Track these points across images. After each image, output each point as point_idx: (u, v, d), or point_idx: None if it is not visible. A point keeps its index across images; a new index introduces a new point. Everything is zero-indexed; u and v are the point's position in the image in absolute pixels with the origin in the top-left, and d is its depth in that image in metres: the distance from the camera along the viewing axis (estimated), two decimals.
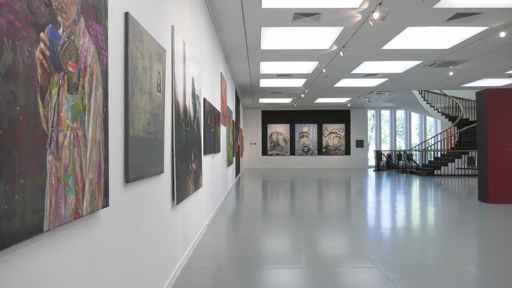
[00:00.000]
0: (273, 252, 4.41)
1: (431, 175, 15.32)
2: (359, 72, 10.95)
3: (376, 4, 5.85)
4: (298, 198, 9.23)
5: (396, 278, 3.44)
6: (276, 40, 7.78)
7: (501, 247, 4.73)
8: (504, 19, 6.58)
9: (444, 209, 7.75)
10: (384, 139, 22.71)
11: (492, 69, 10.69)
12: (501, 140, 7.84)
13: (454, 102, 17.71)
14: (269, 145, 20.84)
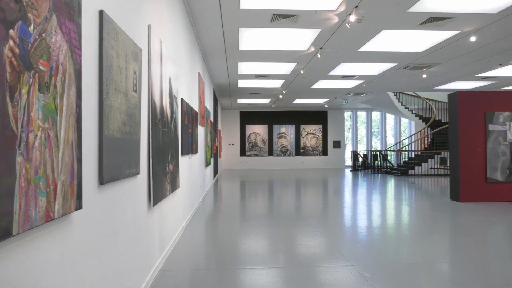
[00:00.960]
0: (251, 253, 4.41)
1: (405, 175, 15.68)
2: (336, 73, 11.10)
3: (353, 7, 5.95)
4: (276, 199, 9.27)
5: (371, 276, 3.51)
6: (255, 41, 7.80)
7: (472, 244, 4.89)
8: (474, 24, 6.81)
9: (418, 208, 7.95)
10: (360, 140, 23.11)
11: (463, 72, 11.05)
12: (472, 141, 8.11)
13: (428, 103, 18.20)
14: (248, 146, 20.85)
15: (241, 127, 20.89)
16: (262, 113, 20.86)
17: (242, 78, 11.79)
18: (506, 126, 8.12)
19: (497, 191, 8.12)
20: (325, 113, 21.16)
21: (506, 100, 8.24)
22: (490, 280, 3.50)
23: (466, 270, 3.79)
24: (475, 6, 6.04)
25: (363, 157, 19.37)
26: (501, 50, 8.63)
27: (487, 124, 8.08)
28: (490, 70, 10.87)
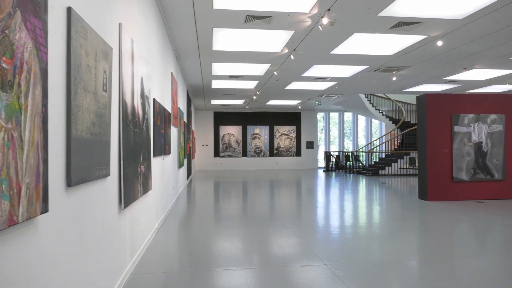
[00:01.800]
0: (224, 254, 4.39)
1: (376, 175, 16.05)
2: (310, 75, 11.23)
3: (325, 10, 6.04)
4: (250, 199, 9.27)
5: (343, 275, 3.56)
6: (229, 41, 7.78)
7: (439, 241, 5.06)
8: (441, 29, 7.06)
9: (388, 207, 8.16)
10: (333, 141, 23.49)
11: (431, 75, 11.43)
12: (439, 142, 8.39)
13: (397, 105, 18.71)
14: (221, 147, 20.78)
15: (215, 128, 20.79)
16: (236, 114, 20.84)
17: (216, 78, 11.74)
18: (471, 128, 8.46)
19: (463, 190, 8.45)
20: (299, 114, 21.37)
21: (470, 103, 8.59)
22: (456, 276, 3.63)
23: (433, 267, 3.91)
24: (441, 12, 6.26)
25: (335, 158, 19.69)
26: (466, 54, 8.98)
27: (453, 126, 8.39)
28: (456, 74, 11.29)
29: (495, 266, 3.94)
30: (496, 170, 8.52)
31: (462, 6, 6.03)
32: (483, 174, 8.48)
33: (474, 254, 4.37)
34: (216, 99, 16.66)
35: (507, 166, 8.58)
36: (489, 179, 8.50)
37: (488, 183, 8.53)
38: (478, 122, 8.48)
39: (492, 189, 8.53)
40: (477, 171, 8.46)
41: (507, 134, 8.60)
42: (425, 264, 4.07)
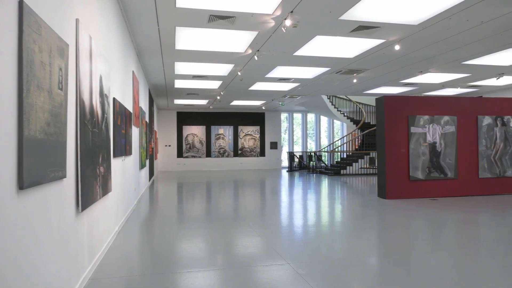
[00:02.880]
0: (187, 256, 4.34)
1: (338, 175, 16.44)
2: (273, 76, 11.32)
3: (288, 12, 6.11)
4: (214, 200, 9.22)
5: (306, 273, 3.62)
6: (192, 40, 7.69)
7: (397, 238, 5.26)
8: (398, 34, 7.34)
9: (349, 205, 8.38)
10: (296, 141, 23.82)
11: (389, 78, 11.86)
12: (396, 142, 8.72)
13: (358, 107, 19.28)
14: (185, 147, 20.51)
15: (178, 128, 20.49)
16: (199, 114, 20.64)
17: (179, 78, 11.57)
18: (426, 129, 8.86)
19: (419, 188, 8.83)
20: (263, 114, 21.50)
21: (426, 105, 8.99)
22: (412, 271, 3.79)
23: (392, 263, 4.06)
24: (398, 18, 6.52)
25: (299, 158, 19.98)
26: (421, 58, 9.40)
27: (409, 127, 8.75)
28: (412, 77, 11.79)
29: (449, 260, 4.15)
30: (449, 169, 8.97)
31: (418, 13, 6.30)
32: (437, 173, 8.91)
33: (430, 250, 4.58)
34: (179, 99, 16.42)
35: (459, 165, 9.06)
36: (442, 177, 8.94)
37: (442, 182, 8.97)
38: (432, 123, 8.90)
39: (445, 187, 8.98)
40: (431, 170, 8.87)
41: (458, 135, 9.08)
42: (384, 260, 4.22)
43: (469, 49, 8.58)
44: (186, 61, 9.47)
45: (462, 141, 9.12)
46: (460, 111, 9.16)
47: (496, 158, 9.31)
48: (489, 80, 12.51)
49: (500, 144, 9.36)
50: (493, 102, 9.56)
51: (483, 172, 9.22)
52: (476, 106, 9.35)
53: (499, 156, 9.33)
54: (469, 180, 9.15)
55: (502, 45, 8.25)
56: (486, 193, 9.21)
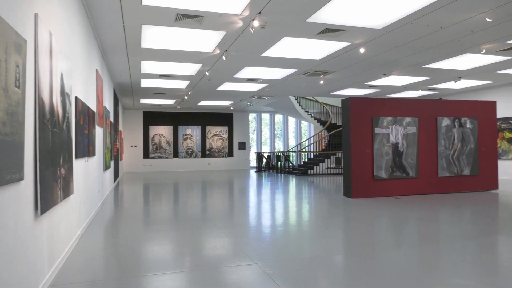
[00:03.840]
0: (154, 259, 4.25)
1: (305, 175, 16.67)
2: (241, 76, 11.33)
3: (256, 12, 6.13)
4: (181, 201, 9.10)
5: (273, 273, 3.64)
6: (159, 39, 7.56)
7: (362, 236, 5.39)
8: (363, 37, 7.54)
9: (316, 205, 8.51)
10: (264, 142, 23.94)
11: (355, 80, 12.16)
12: (361, 142, 8.95)
13: (325, 108, 19.64)
14: (151, 148, 20.12)
15: (145, 128, 20.07)
16: (166, 114, 20.32)
17: (145, 77, 11.34)
18: (389, 130, 9.15)
19: (383, 187, 9.11)
20: (231, 115, 21.46)
21: (389, 107, 9.29)
22: (377, 267, 3.89)
23: (357, 260, 4.16)
24: (363, 22, 6.69)
25: (267, 158, 20.10)
26: (385, 62, 9.70)
27: (373, 128, 9.00)
28: (376, 79, 12.15)
29: (411, 256, 4.30)
30: (410, 168, 9.31)
31: (381, 17, 6.49)
32: (400, 172, 9.22)
33: (393, 246, 4.73)
34: (145, 99, 16.10)
35: (419, 164, 9.42)
36: (405, 176, 9.27)
37: (404, 180, 9.29)
38: (395, 124, 9.20)
39: (407, 186, 9.31)
40: (394, 170, 9.17)
41: (419, 136, 9.44)
42: (350, 258, 4.31)
43: (429, 53, 8.94)
44: (152, 60, 9.29)
45: (422, 142, 9.49)
46: (421, 113, 9.53)
47: (454, 157, 9.76)
48: (448, 83, 13.10)
49: (458, 144, 9.81)
50: (451, 104, 10.01)
51: (442, 171, 9.63)
52: (436, 108, 9.76)
53: (456, 156, 9.79)
54: (429, 179, 9.54)
55: (460, 50, 8.66)
56: (445, 191, 9.63)
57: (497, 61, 9.79)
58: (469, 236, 5.18)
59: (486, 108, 10.22)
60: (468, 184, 9.89)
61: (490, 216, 6.77)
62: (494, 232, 5.44)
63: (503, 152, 13.53)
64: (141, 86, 12.79)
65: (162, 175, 17.08)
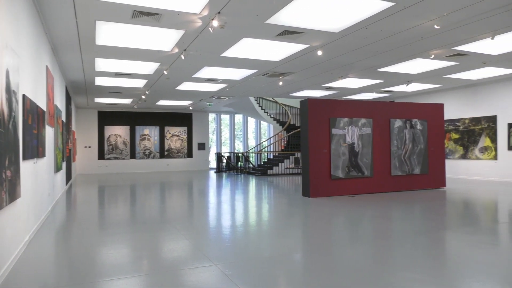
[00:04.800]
0: (109, 263, 4.10)
1: (265, 175, 16.80)
2: (201, 76, 11.22)
3: (216, 12, 6.09)
4: (139, 204, 8.85)
5: (232, 273, 3.63)
6: (114, 36, 7.31)
7: (320, 234, 5.51)
8: (321, 40, 7.71)
9: (275, 204, 8.59)
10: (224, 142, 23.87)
11: (313, 81, 12.42)
12: (319, 143, 9.15)
13: (284, 109, 19.89)
14: (107, 148, 19.43)
15: (100, 128, 19.34)
16: (123, 113, 19.70)
17: (100, 75, 10.93)
18: (345, 130, 9.43)
19: (340, 186, 9.36)
20: (190, 115, 21.19)
21: (345, 108, 9.56)
22: (334, 264, 3.99)
23: (315, 258, 4.24)
24: (321, 25, 6.85)
25: (227, 159, 20.04)
26: (341, 64, 9.99)
27: (331, 128, 9.23)
28: (334, 82, 12.48)
29: (367, 253, 4.45)
30: (365, 168, 9.64)
31: (338, 21, 6.68)
32: (356, 172, 9.52)
33: (350, 244, 4.87)
34: (100, 97, 15.52)
35: (374, 164, 9.78)
36: (360, 176, 9.59)
37: (359, 180, 9.60)
38: (351, 125, 9.49)
39: (363, 185, 9.64)
40: (350, 169, 9.46)
41: (374, 136, 9.81)
42: (309, 256, 4.39)
43: (383, 57, 9.31)
44: (108, 58, 8.98)
45: (377, 142, 9.86)
46: (375, 114, 9.90)
47: (405, 157, 10.22)
48: (400, 86, 13.71)
49: (409, 144, 10.29)
50: (403, 107, 10.48)
51: (395, 170, 10.06)
52: (389, 110, 10.18)
53: (408, 156, 10.26)
54: (383, 178, 9.93)
55: (411, 55, 9.10)
56: (397, 189, 10.07)
57: (444, 66, 10.37)
58: (419, 231, 5.45)
59: (434, 110, 10.80)
60: (419, 183, 10.41)
61: (438, 212, 7.15)
62: (442, 228, 5.76)
63: (450, 152, 14.36)
64: (96, 84, 12.32)
65: (118, 177, 16.54)
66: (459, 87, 13.97)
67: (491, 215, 7.02)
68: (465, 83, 13.23)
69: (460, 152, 14.03)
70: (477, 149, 13.47)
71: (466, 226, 5.77)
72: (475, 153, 13.51)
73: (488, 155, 13.08)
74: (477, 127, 13.48)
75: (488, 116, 13.10)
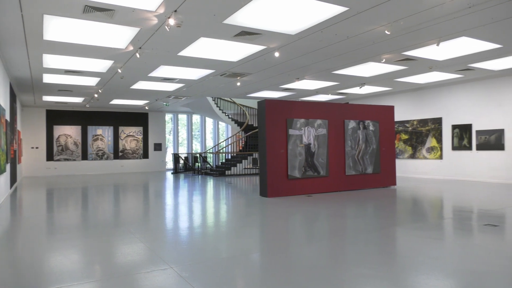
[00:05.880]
0: (58, 270, 3.90)
1: (223, 175, 16.74)
2: (157, 75, 10.97)
3: (172, 10, 5.99)
4: (91, 207, 8.50)
5: (189, 276, 3.58)
6: (64, 31, 6.98)
7: (277, 233, 5.57)
8: (278, 41, 7.81)
9: (233, 205, 8.58)
10: (181, 142, 23.51)
11: (270, 82, 12.54)
12: (276, 143, 9.26)
13: (242, 109, 19.94)
14: (56, 149, 18.48)
15: (48, 128, 18.36)
16: (74, 112, 18.84)
17: (48, 72, 10.38)
18: (302, 131, 9.61)
19: (297, 186, 9.52)
20: (146, 115, 20.67)
21: (302, 109, 9.75)
22: (291, 263, 4.05)
23: (272, 257, 4.28)
24: (278, 27, 6.93)
25: (184, 160, 19.75)
26: (298, 66, 10.17)
27: (288, 129, 9.37)
28: (290, 83, 12.68)
29: (322, 250, 4.55)
30: (321, 167, 9.88)
31: (295, 23, 6.79)
32: (312, 171, 9.74)
33: (306, 242, 4.97)
34: (49, 96, 14.74)
35: (330, 164, 10.05)
36: (316, 175, 9.81)
37: (316, 179, 9.83)
38: (307, 126, 9.69)
39: (319, 184, 9.87)
40: (307, 169, 9.65)
41: (329, 137, 10.08)
42: (266, 256, 4.42)
43: (337, 60, 9.59)
44: (57, 54, 8.55)
45: (332, 142, 10.14)
46: (331, 116, 10.17)
47: (359, 157, 10.60)
48: (354, 89, 14.19)
49: (362, 145, 10.68)
50: (356, 108, 10.86)
51: (349, 170, 10.40)
52: (343, 111, 10.50)
53: (361, 156, 10.64)
54: (338, 177, 10.23)
55: (364, 58, 9.44)
56: (352, 188, 10.41)
57: (394, 70, 10.87)
58: (371, 228, 5.66)
59: (386, 112, 11.29)
60: (371, 181, 10.82)
61: (389, 209, 7.48)
62: (393, 224, 6.02)
63: (400, 152, 15.07)
64: (44, 82, 11.69)
65: (68, 179, 15.79)
66: (408, 90, 14.69)
67: (437, 211, 7.45)
68: (414, 87, 13.94)
69: (409, 152, 14.76)
70: (424, 149, 14.23)
71: (415, 222, 6.07)
72: (423, 153, 14.27)
73: (434, 154, 13.86)
74: (424, 128, 14.24)
75: (434, 118, 13.89)
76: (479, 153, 12.47)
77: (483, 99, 12.40)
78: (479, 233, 5.37)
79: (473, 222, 6.07)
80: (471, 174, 12.68)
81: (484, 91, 12.37)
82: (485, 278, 3.47)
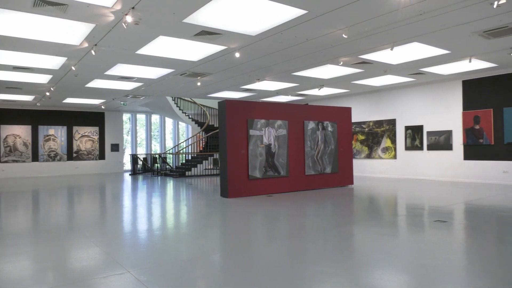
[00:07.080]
0: (6, 279, 3.66)
1: (183, 176, 16.50)
2: (114, 73, 10.63)
3: (130, 7, 5.83)
4: (42, 211, 8.08)
5: (147, 279, 3.49)
6: (12, 25, 6.59)
7: (237, 233, 5.57)
8: (238, 42, 7.81)
9: (194, 206, 8.48)
10: (140, 143, 22.92)
11: (231, 83, 12.53)
12: (237, 144, 9.26)
13: (202, 109, 19.76)
14: (4, 150, 17.40)
15: None
16: (23, 111, 17.83)
17: None
18: (263, 131, 9.67)
19: (257, 186, 9.57)
20: (102, 114, 19.96)
21: (262, 110, 9.81)
22: (252, 263, 4.06)
23: (233, 257, 4.27)
24: (238, 27, 6.94)
25: (143, 160, 19.28)
26: (259, 67, 10.23)
27: (248, 129, 9.40)
28: (251, 84, 12.73)
29: (282, 249, 4.60)
30: (282, 168, 10.00)
31: (255, 25, 6.83)
32: (272, 172, 9.83)
33: (266, 241, 5.00)
34: None
35: (290, 164, 10.19)
36: (277, 175, 9.91)
37: (276, 179, 9.93)
38: (268, 127, 9.77)
39: (279, 184, 9.98)
40: (267, 169, 9.73)
41: (289, 137, 10.22)
42: (226, 256, 4.41)
43: (297, 62, 9.75)
44: (4, 49, 8.05)
45: (292, 143, 10.29)
46: (291, 116, 10.32)
47: (318, 157, 10.83)
48: (313, 90, 14.49)
49: (321, 145, 10.92)
50: (316, 109, 11.09)
51: (309, 170, 10.60)
52: (303, 112, 10.69)
53: (320, 156, 10.88)
54: (298, 177, 10.39)
55: (322, 61, 9.66)
56: (311, 188, 10.62)
57: (351, 72, 11.21)
58: (330, 226, 5.80)
59: (343, 113, 11.61)
60: (330, 181, 11.09)
61: (347, 208, 7.70)
62: (350, 222, 6.21)
63: (357, 152, 15.56)
64: None
65: (17, 182, 14.92)
66: (364, 92, 15.21)
67: (392, 209, 7.77)
68: (370, 89, 14.46)
69: (366, 152, 15.28)
70: (379, 149, 14.79)
71: (371, 220, 6.29)
72: (378, 153, 14.83)
73: (389, 154, 14.44)
74: (379, 129, 14.81)
75: (389, 119, 14.47)
76: (430, 153, 13.15)
77: (433, 102, 13.09)
78: (430, 229, 5.65)
79: (424, 219, 6.38)
80: (422, 173, 13.34)
81: (434, 94, 13.06)
82: (435, 271, 3.66)
